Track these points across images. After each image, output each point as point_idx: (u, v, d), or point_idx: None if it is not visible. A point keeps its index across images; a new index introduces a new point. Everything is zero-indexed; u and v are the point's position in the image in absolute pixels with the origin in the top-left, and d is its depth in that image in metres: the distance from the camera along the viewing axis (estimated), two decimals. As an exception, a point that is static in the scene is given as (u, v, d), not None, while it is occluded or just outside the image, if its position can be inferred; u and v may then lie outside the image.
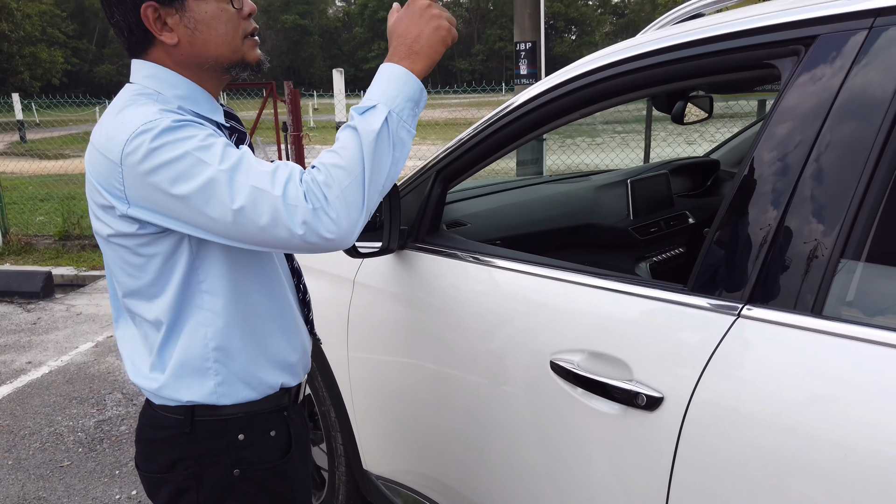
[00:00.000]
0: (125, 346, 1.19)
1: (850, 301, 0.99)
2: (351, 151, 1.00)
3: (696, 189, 2.66)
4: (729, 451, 1.02)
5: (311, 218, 0.96)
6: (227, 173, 0.96)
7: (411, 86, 1.06)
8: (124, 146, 0.97)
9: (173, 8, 1.04)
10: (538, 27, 5.62)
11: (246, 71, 1.13)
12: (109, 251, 1.10)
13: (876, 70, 0.99)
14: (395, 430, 1.79)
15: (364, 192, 1.00)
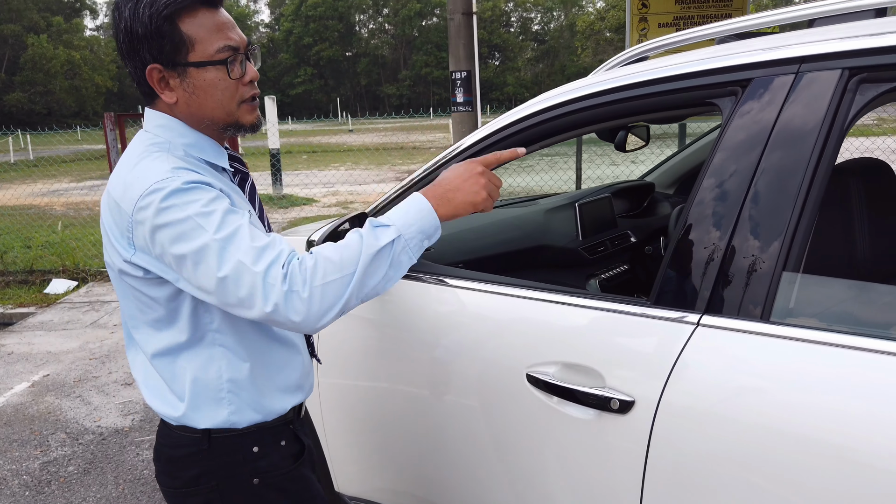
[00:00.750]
0: (138, 370, 1.25)
1: (791, 308, 1.14)
2: (349, 253, 1.07)
3: (635, 210, 2.84)
4: (695, 447, 1.14)
5: (282, 300, 1.02)
6: (219, 242, 1.03)
7: (430, 222, 1.14)
8: (137, 201, 1.06)
9: (175, 72, 1.13)
10: (472, 57, 5.82)
11: (240, 132, 1.21)
12: (121, 284, 1.17)
13: (803, 107, 1.15)
14: (368, 451, 1.85)
15: (345, 293, 1.06)
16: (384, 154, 19.12)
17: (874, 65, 1.07)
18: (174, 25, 1.10)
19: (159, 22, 1.09)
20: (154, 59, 1.11)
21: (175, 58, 1.12)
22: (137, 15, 1.09)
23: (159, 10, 1.09)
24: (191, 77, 1.13)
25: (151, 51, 1.11)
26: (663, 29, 5.44)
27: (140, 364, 1.25)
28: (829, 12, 1.25)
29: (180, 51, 1.11)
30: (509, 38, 76.71)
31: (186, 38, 1.11)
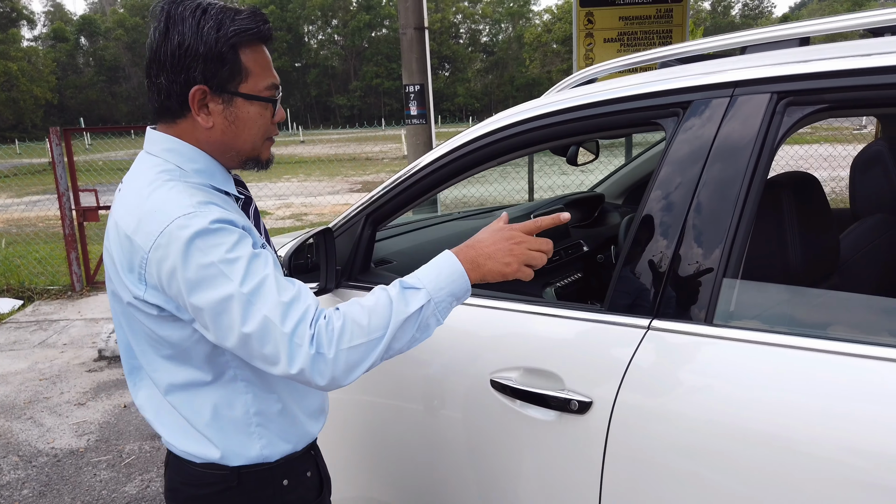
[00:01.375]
0: (148, 406, 1.21)
1: (731, 311, 1.24)
2: (378, 318, 1.05)
3: (586, 220, 2.96)
4: (648, 442, 1.23)
5: (309, 363, 1.00)
6: (246, 297, 0.99)
7: (460, 286, 1.13)
8: (157, 238, 1.02)
9: (221, 98, 1.11)
10: (425, 70, 5.90)
11: (258, 167, 1.21)
12: (129, 318, 1.13)
13: (737, 127, 1.25)
14: (337, 461, 1.89)
15: (371, 356, 1.05)
16: (337, 165, 19.07)
17: (799, 89, 1.18)
18: (236, 53, 1.09)
19: (224, 46, 1.08)
20: (205, 80, 1.08)
21: (227, 85, 1.10)
22: (201, 33, 1.06)
23: (227, 34, 1.08)
24: (235, 107, 1.12)
25: (205, 72, 1.08)
26: (608, 44, 5.63)
27: (150, 399, 1.20)
28: (760, 40, 1.37)
29: (234, 79, 1.10)
30: (459, 50, 77.37)
31: (243, 69, 1.10)
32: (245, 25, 1.09)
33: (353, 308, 1.07)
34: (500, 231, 1.18)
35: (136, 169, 1.15)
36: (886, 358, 1.03)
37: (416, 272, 1.15)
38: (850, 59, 1.14)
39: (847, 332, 1.21)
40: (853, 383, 1.05)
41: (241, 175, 1.31)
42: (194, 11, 1.08)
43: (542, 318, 1.44)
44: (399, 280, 1.12)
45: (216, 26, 1.07)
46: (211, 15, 1.08)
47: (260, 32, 1.12)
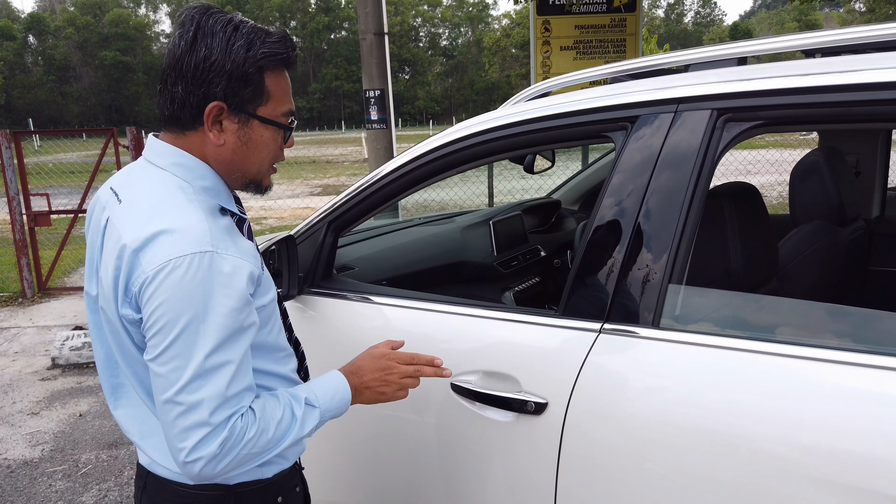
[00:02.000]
0: (134, 425, 1.18)
1: (677, 315, 1.31)
2: (280, 432, 1.09)
3: (543, 226, 3.04)
4: (599, 440, 1.29)
5: (206, 459, 1.00)
6: (204, 370, 0.99)
7: (343, 409, 1.21)
8: (163, 265, 0.99)
9: (237, 117, 1.10)
10: (385, 76, 5.94)
11: (258, 192, 1.20)
12: (118, 332, 1.10)
13: (682, 140, 1.33)
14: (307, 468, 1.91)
15: (252, 463, 1.08)
16: (296, 168, 18.91)
17: (736, 107, 1.27)
18: (261, 75, 1.09)
19: (251, 67, 1.07)
20: (225, 97, 1.07)
21: (246, 105, 1.09)
22: (230, 50, 1.05)
23: (256, 56, 1.07)
24: (251, 128, 1.11)
25: (227, 89, 1.06)
26: (565, 52, 5.76)
27: (134, 418, 1.17)
28: (702, 59, 1.45)
29: (254, 101, 1.09)
30: (419, 53, 77.50)
31: (265, 91, 1.10)
32: (275, 49, 1.09)
33: (267, 418, 1.08)
34: (378, 360, 1.27)
35: (143, 181, 1.11)
36: (822, 359, 1.10)
37: (315, 387, 1.20)
38: (784, 78, 1.23)
39: (786, 334, 1.29)
40: (792, 383, 1.12)
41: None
42: (226, 26, 1.07)
43: (500, 323, 1.49)
44: (304, 394, 1.17)
45: (246, 45, 1.07)
46: (242, 33, 1.07)
47: (288, 58, 1.12)
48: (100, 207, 1.15)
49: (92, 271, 1.15)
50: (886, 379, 1.04)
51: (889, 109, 1.13)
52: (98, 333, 1.18)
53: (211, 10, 1.08)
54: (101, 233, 1.11)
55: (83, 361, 4.61)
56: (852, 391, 1.07)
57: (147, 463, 1.19)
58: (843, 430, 1.04)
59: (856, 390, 1.07)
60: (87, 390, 4.21)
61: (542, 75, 5.89)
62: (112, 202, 1.11)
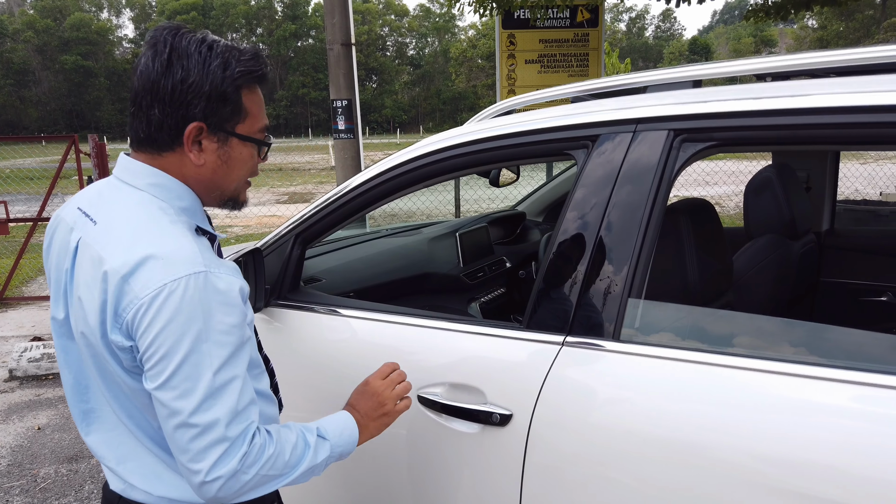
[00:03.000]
0: (111, 449, 1.16)
1: (637, 328, 1.36)
2: (296, 458, 1.12)
3: (508, 237, 3.09)
4: (562, 450, 1.32)
5: (227, 475, 1.01)
6: (215, 388, 1.00)
7: (352, 445, 1.25)
8: (159, 289, 0.98)
9: (216, 136, 1.10)
10: (352, 86, 5.95)
11: (235, 207, 1.21)
12: (99, 357, 1.08)
13: (640, 157, 1.37)
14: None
15: (269, 487, 1.09)
16: (262, 176, 18.65)
17: (692, 128, 1.32)
18: (239, 94, 1.09)
19: (230, 87, 1.07)
20: (205, 117, 1.07)
21: (226, 124, 1.10)
22: (207, 71, 1.05)
23: (234, 75, 1.07)
24: (231, 147, 1.12)
25: (207, 109, 1.07)
26: (530, 65, 5.85)
27: (109, 443, 1.15)
28: (659, 81, 1.51)
29: (233, 119, 1.10)
30: (386, 62, 77.55)
31: (243, 109, 1.11)
32: (250, 67, 1.10)
33: (282, 441, 1.11)
34: (366, 389, 1.33)
35: (120, 202, 1.09)
36: (776, 371, 1.15)
37: (323, 422, 1.24)
38: (736, 101, 1.28)
39: (741, 347, 1.34)
40: (747, 394, 1.16)
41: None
42: (199, 46, 1.07)
43: (466, 336, 1.52)
44: (315, 426, 1.21)
45: (223, 65, 1.07)
46: (217, 53, 1.07)
47: (263, 75, 1.13)
48: (65, 228, 1.12)
49: (59, 294, 1.12)
50: (836, 390, 1.09)
51: (834, 133, 1.19)
52: (66, 358, 1.16)
53: (182, 31, 1.08)
54: (72, 255, 1.08)
55: (42, 373, 4.51)
56: (804, 402, 1.11)
57: (121, 489, 1.16)
58: (796, 440, 1.09)
59: (808, 402, 1.11)
60: (46, 403, 4.11)
61: (508, 87, 5.97)
62: (82, 223, 1.09)
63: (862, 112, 1.15)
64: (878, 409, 1.06)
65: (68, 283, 1.10)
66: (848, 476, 1.03)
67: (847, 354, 1.32)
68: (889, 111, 1.12)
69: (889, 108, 1.12)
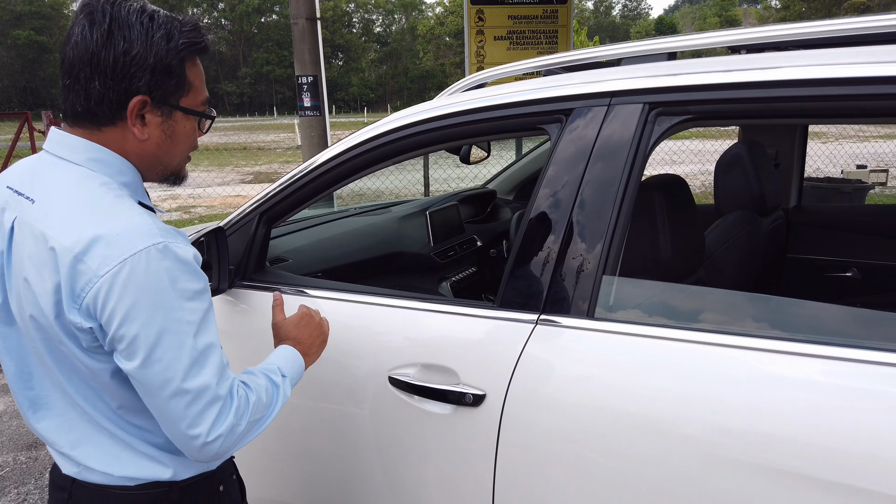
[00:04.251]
0: (65, 438, 1.12)
1: (611, 305, 1.34)
2: (268, 398, 1.15)
3: (479, 215, 3.06)
4: (536, 429, 1.31)
5: (226, 431, 1.04)
6: (198, 352, 1.01)
7: (300, 375, 1.31)
8: (118, 265, 0.96)
9: (160, 110, 1.07)
10: (318, 62, 5.81)
11: (176, 182, 1.18)
12: (47, 342, 1.04)
13: (615, 132, 1.35)
14: (240, 462, 1.87)
15: (253, 435, 1.13)
16: (226, 155, 18.39)
17: (667, 101, 1.29)
18: (182, 66, 1.07)
19: (174, 59, 1.05)
20: (149, 91, 1.04)
21: (170, 97, 1.07)
22: (151, 43, 1.02)
23: (178, 47, 1.05)
24: (175, 121, 1.09)
25: (151, 83, 1.04)
26: (498, 42, 5.79)
27: (60, 428, 1.12)
28: (634, 53, 1.48)
29: (177, 92, 1.08)
30: (352, 39, 76.48)
31: (187, 82, 1.09)
32: (193, 38, 1.07)
33: (255, 386, 1.14)
34: (307, 323, 1.40)
35: (58, 179, 1.05)
36: (745, 346, 1.15)
37: (275, 360, 1.27)
38: (713, 74, 1.26)
39: (712, 322, 1.34)
40: (717, 369, 1.16)
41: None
42: (140, 17, 1.03)
43: (437, 315, 1.49)
44: (276, 366, 1.25)
45: (166, 37, 1.04)
46: (160, 24, 1.04)
47: (206, 46, 1.11)
48: (24, 210, 1.06)
49: None
50: (802, 364, 1.09)
51: (809, 105, 1.18)
52: (5, 345, 1.11)
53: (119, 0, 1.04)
54: (6, 237, 1.04)
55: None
56: (772, 376, 1.12)
57: (75, 472, 1.13)
58: (764, 414, 1.09)
59: (775, 375, 1.11)
60: (3, 389, 3.99)
61: (477, 65, 5.90)
62: (16, 202, 1.05)
63: (837, 84, 1.13)
64: (842, 381, 1.07)
65: (5, 266, 1.05)
66: (814, 448, 1.04)
67: (813, 328, 1.32)
68: (862, 83, 1.11)
69: (862, 80, 1.11)
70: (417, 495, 1.51)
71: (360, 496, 1.63)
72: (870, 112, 1.15)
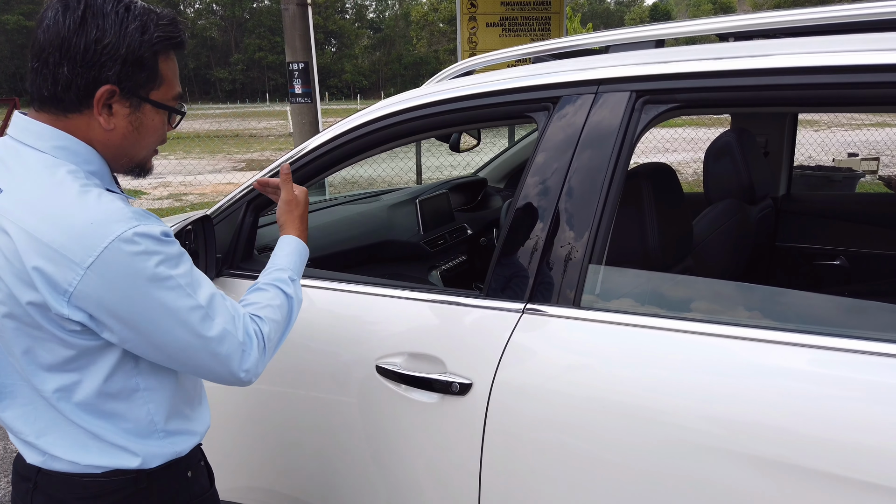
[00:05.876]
0: (30, 426, 1.11)
1: (597, 294, 1.34)
2: (283, 312, 1.22)
3: (469, 204, 3.05)
4: (521, 417, 1.31)
5: (254, 365, 1.12)
6: (205, 309, 1.05)
7: (305, 256, 1.38)
8: (100, 253, 0.96)
9: (129, 101, 1.06)
10: (309, 48, 5.78)
11: (141, 175, 1.18)
12: (21, 331, 1.03)
13: (602, 120, 1.34)
14: (228, 451, 1.87)
15: (278, 348, 1.21)
16: (218, 142, 18.27)
17: (654, 89, 1.29)
18: (156, 59, 1.06)
19: (147, 52, 1.04)
20: (118, 81, 1.03)
21: (140, 90, 1.06)
22: (124, 33, 1.02)
23: (152, 39, 1.04)
24: (143, 113, 1.09)
25: (121, 73, 1.03)
26: (491, 28, 5.75)
27: (26, 417, 1.10)
28: (621, 41, 1.47)
29: (148, 85, 1.07)
30: (345, 25, 75.93)
31: (159, 76, 1.08)
32: (169, 32, 1.07)
33: (270, 308, 1.20)
34: (296, 210, 1.44)
35: (24, 166, 1.03)
36: (733, 336, 1.15)
37: (289, 263, 1.33)
38: (701, 61, 1.25)
39: (700, 311, 1.34)
40: (705, 359, 1.17)
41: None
42: (116, 6, 1.02)
43: (424, 304, 1.48)
44: (287, 274, 1.29)
45: (141, 28, 1.03)
46: (135, 15, 1.04)
47: (182, 42, 1.11)
48: None
49: None
50: (790, 353, 1.10)
51: (797, 94, 1.17)
52: None
53: None
54: None
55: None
56: (759, 365, 1.12)
57: (40, 461, 1.12)
58: (753, 403, 1.09)
59: (762, 364, 1.12)
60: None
61: (469, 51, 5.87)
62: None
63: (825, 72, 1.13)
64: (831, 370, 1.08)
65: None
66: (801, 437, 1.04)
67: (801, 317, 1.33)
68: (851, 71, 1.11)
69: (851, 68, 1.11)
70: (405, 483, 1.52)
71: (347, 484, 1.63)
72: (860, 100, 1.14)
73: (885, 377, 1.03)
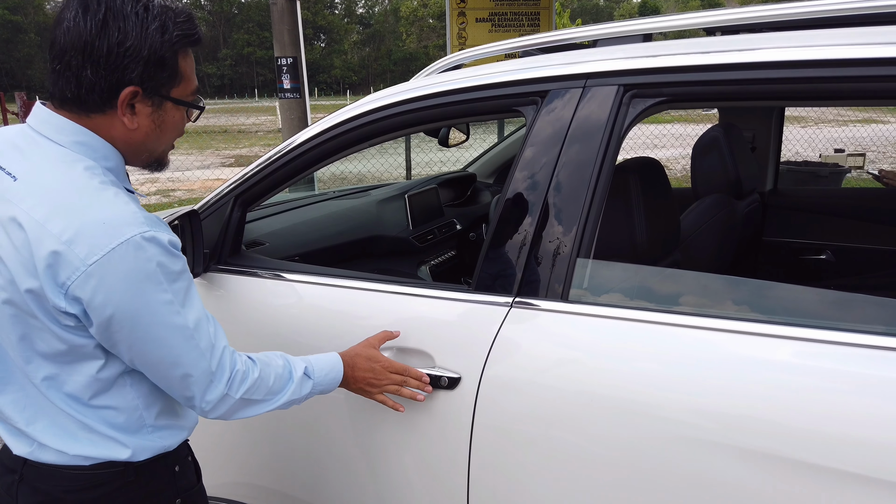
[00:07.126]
0: (21, 414, 1.12)
1: (585, 288, 1.34)
2: (280, 385, 1.24)
3: (459, 199, 3.05)
4: (509, 410, 1.31)
5: (217, 399, 1.13)
6: (190, 331, 1.06)
7: (331, 388, 1.35)
8: (106, 254, 0.97)
9: (151, 101, 1.08)
10: (297, 43, 5.75)
11: (158, 169, 1.20)
12: (20, 320, 1.04)
13: (590, 114, 1.34)
14: (217, 448, 1.86)
15: (256, 412, 1.21)
16: (206, 138, 18.15)
17: (642, 83, 1.29)
18: (176, 58, 1.08)
19: (168, 52, 1.06)
20: (141, 82, 1.05)
21: (162, 89, 1.08)
22: (146, 35, 1.03)
23: (172, 39, 1.05)
24: (165, 111, 1.11)
25: (144, 74, 1.04)
26: (480, 24, 5.75)
27: (16, 404, 1.11)
28: (609, 35, 1.47)
29: (169, 83, 1.09)
30: (334, 20, 75.64)
31: (179, 73, 1.10)
32: (187, 30, 1.08)
33: (267, 368, 1.22)
34: (372, 364, 1.38)
35: (43, 158, 1.04)
36: (720, 329, 1.16)
37: (313, 361, 1.33)
38: (688, 55, 1.26)
39: (688, 305, 1.35)
40: (692, 352, 1.17)
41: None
42: (135, 7, 1.03)
43: (413, 299, 1.48)
44: (304, 364, 1.30)
45: (161, 29, 1.05)
46: (154, 15, 1.05)
47: (199, 38, 1.12)
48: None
49: None
50: (777, 346, 1.10)
51: (783, 88, 1.18)
52: None
53: None
54: None
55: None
56: (746, 358, 1.13)
57: (27, 452, 1.12)
58: (740, 396, 1.10)
59: (749, 357, 1.12)
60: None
61: (458, 47, 5.86)
62: (12, 182, 1.03)
63: (812, 66, 1.14)
64: (817, 363, 1.08)
65: None
66: (789, 430, 1.05)
67: (787, 311, 1.33)
68: (838, 65, 1.11)
69: (838, 62, 1.11)
70: (394, 478, 1.52)
71: (335, 479, 1.63)
72: (847, 94, 1.15)
73: (870, 369, 1.04)
